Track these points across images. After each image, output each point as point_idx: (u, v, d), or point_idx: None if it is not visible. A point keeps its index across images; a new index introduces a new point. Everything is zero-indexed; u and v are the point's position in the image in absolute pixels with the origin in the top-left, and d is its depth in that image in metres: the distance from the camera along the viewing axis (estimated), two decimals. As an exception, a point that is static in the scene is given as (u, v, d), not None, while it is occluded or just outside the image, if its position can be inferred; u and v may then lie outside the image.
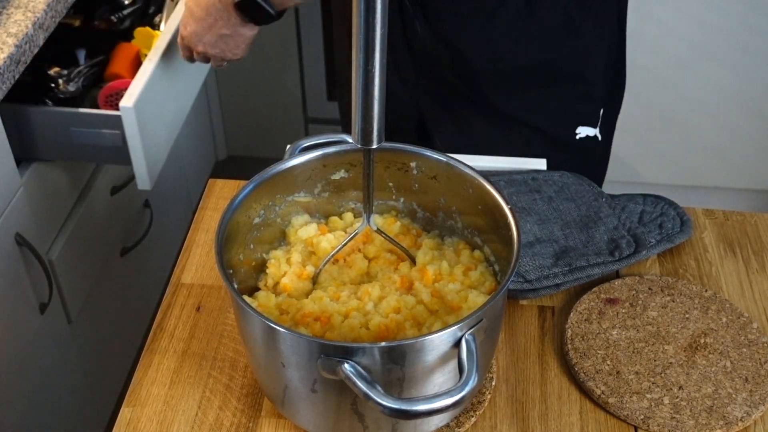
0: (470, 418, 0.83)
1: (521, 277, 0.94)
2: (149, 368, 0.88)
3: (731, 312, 0.92)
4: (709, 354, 0.88)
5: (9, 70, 1.23)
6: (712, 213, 1.07)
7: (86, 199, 1.55)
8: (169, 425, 0.83)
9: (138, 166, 1.32)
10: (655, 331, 0.90)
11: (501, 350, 0.90)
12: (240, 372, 0.87)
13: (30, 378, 1.39)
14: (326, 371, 0.68)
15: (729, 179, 2.30)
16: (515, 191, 1.04)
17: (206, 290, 0.96)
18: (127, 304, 1.82)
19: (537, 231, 0.99)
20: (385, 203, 0.91)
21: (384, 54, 0.68)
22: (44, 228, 1.41)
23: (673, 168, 2.28)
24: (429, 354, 0.69)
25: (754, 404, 0.83)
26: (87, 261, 1.57)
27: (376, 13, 0.66)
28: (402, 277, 0.85)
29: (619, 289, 0.95)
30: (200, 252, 1.01)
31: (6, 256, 1.29)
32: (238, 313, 0.77)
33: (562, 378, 0.87)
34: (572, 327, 0.91)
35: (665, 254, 1.01)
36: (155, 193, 1.91)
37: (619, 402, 0.83)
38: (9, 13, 1.31)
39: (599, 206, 1.03)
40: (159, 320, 0.93)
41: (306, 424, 0.79)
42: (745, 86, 2.10)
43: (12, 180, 1.30)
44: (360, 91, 0.70)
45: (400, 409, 0.64)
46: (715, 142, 2.22)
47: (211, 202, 1.07)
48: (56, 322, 1.46)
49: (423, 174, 0.87)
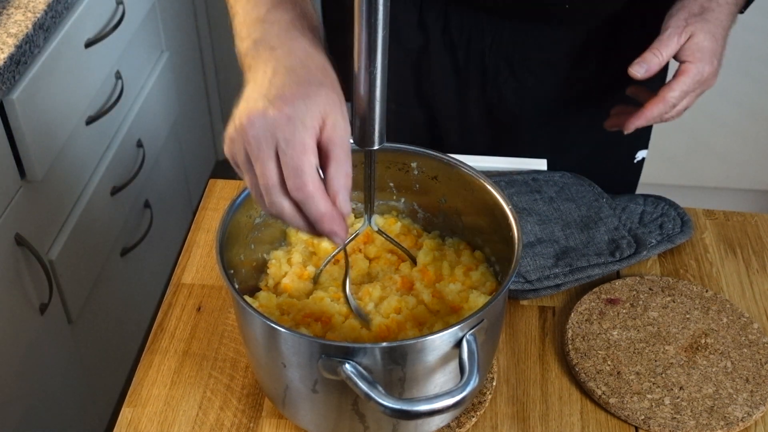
0: (471, 419, 0.83)
1: (522, 277, 0.94)
2: (150, 368, 0.88)
3: (732, 312, 0.92)
4: (710, 354, 0.88)
5: (9, 70, 1.23)
6: (712, 213, 1.07)
7: (86, 199, 1.55)
8: (169, 425, 0.83)
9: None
10: (656, 331, 0.90)
11: (502, 351, 0.90)
12: (241, 372, 0.87)
13: (30, 378, 1.39)
14: (327, 371, 0.68)
15: (729, 180, 2.30)
16: (516, 191, 1.04)
17: (207, 290, 0.96)
18: (128, 304, 1.82)
19: (538, 231, 0.99)
20: (385, 203, 0.91)
21: (386, 55, 0.68)
22: (44, 228, 1.41)
23: (673, 168, 2.28)
24: (430, 354, 0.69)
25: (754, 404, 0.83)
26: (87, 261, 1.57)
27: (378, 14, 0.66)
28: (403, 277, 0.85)
29: (620, 289, 0.95)
30: (201, 252, 1.01)
31: (6, 256, 1.29)
32: (238, 314, 0.77)
33: (563, 378, 0.87)
34: (573, 327, 0.91)
35: (666, 255, 1.01)
36: (155, 193, 1.91)
37: (620, 402, 0.83)
38: (9, 13, 1.31)
39: (600, 207, 1.03)
40: (159, 320, 0.93)
41: (307, 425, 0.79)
42: (745, 86, 2.10)
43: (12, 180, 1.30)
44: (362, 92, 0.70)
45: (401, 409, 0.64)
46: (715, 142, 2.22)
47: (211, 203, 1.07)
48: (56, 322, 1.46)
49: (424, 174, 0.87)
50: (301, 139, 0.63)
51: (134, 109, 1.79)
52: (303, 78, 0.66)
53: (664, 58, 0.96)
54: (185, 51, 2.16)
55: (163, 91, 1.96)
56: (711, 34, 0.96)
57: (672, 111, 0.98)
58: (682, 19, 0.96)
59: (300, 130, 0.64)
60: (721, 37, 0.97)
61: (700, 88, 0.98)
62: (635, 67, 0.95)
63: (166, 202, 2.02)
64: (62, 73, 1.40)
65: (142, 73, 1.85)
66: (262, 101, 0.65)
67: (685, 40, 0.96)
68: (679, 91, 0.96)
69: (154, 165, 1.90)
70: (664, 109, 0.97)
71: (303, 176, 0.63)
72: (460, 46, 1.10)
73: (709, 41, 0.96)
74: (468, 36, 1.09)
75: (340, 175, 0.66)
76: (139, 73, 1.82)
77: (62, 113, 1.43)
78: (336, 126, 0.66)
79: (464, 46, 1.10)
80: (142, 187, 1.83)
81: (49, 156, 1.39)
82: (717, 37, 0.97)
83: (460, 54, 1.11)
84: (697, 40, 0.95)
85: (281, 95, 0.65)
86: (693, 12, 0.97)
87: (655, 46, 0.96)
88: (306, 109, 0.64)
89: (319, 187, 0.64)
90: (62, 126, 1.44)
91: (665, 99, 0.96)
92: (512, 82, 1.12)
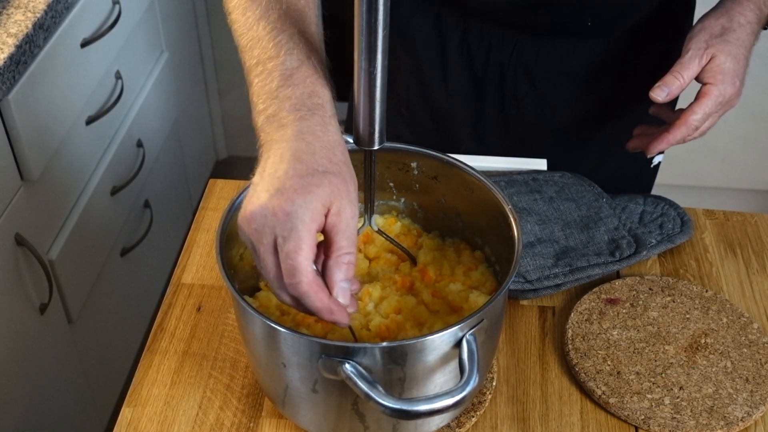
0: (471, 419, 0.83)
1: (522, 277, 0.94)
2: (150, 368, 0.88)
3: (732, 312, 0.92)
4: (710, 354, 0.88)
5: (9, 70, 1.23)
6: (712, 213, 1.07)
7: (86, 199, 1.55)
8: (169, 425, 0.83)
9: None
10: (656, 331, 0.90)
11: (502, 350, 0.90)
12: (241, 372, 0.87)
13: (30, 378, 1.39)
14: (327, 371, 0.68)
15: (729, 180, 2.30)
16: (516, 191, 1.04)
17: (207, 290, 0.96)
18: (127, 304, 1.82)
19: (537, 231, 0.99)
20: (385, 203, 0.91)
21: (386, 56, 0.68)
22: (44, 228, 1.41)
23: (673, 168, 2.28)
24: (430, 354, 0.69)
25: (754, 404, 0.83)
26: (87, 261, 1.57)
27: (378, 14, 0.65)
28: (403, 277, 0.85)
29: (620, 289, 0.95)
30: (201, 252, 1.01)
31: (6, 256, 1.29)
32: (238, 314, 0.77)
33: (563, 378, 0.87)
34: (573, 327, 0.91)
35: (666, 254, 1.01)
36: (155, 193, 1.92)
37: (620, 402, 0.83)
38: (9, 13, 1.31)
39: (600, 206, 1.03)
40: (159, 320, 0.93)
41: (307, 425, 0.79)
42: (746, 86, 2.09)
43: (12, 180, 1.30)
44: (362, 93, 0.70)
45: (401, 409, 0.64)
46: (716, 142, 2.22)
47: (211, 203, 1.07)
48: (56, 322, 1.46)
49: (423, 174, 0.87)
50: (297, 236, 0.64)
51: (134, 109, 1.79)
52: (308, 167, 0.67)
53: (686, 81, 0.95)
54: (185, 51, 2.16)
55: (163, 91, 1.96)
56: (732, 56, 0.95)
57: (695, 133, 0.98)
58: (703, 41, 0.96)
59: (297, 227, 0.64)
60: (743, 57, 0.97)
61: (723, 109, 0.98)
62: (656, 91, 0.95)
63: (166, 202, 2.02)
64: (57, 73, 1.40)
65: (142, 73, 1.85)
66: (265, 195, 0.66)
67: (707, 61, 0.95)
68: (702, 114, 0.95)
69: (154, 165, 1.90)
70: (687, 132, 0.96)
71: (297, 275, 0.65)
72: (478, 56, 1.09)
73: (730, 62, 0.95)
74: (487, 46, 1.08)
75: (339, 265, 0.67)
76: (138, 73, 1.82)
77: (58, 113, 1.43)
78: (341, 213, 0.67)
79: (483, 56, 1.09)
80: (142, 187, 1.83)
81: (45, 156, 1.39)
82: (738, 58, 0.96)
83: (479, 64, 1.10)
84: (718, 61, 0.95)
85: (282, 189, 0.65)
86: (714, 33, 0.96)
87: (676, 68, 0.95)
88: (305, 204, 0.65)
89: (313, 284, 0.66)
90: (58, 126, 1.43)
91: (688, 122, 0.95)
92: (532, 92, 1.11)
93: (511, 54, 1.08)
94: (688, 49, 0.96)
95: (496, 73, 1.10)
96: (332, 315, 0.67)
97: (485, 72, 1.11)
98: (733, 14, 0.98)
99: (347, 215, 0.67)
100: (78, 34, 1.47)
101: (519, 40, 1.07)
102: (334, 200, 0.66)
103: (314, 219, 0.65)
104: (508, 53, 1.08)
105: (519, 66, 1.09)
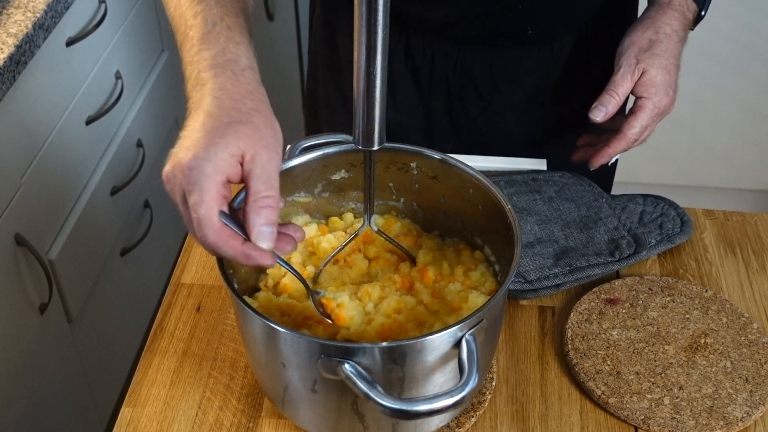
0: (470, 419, 0.83)
1: (521, 277, 0.94)
2: (149, 368, 0.88)
3: (731, 312, 0.92)
4: (710, 354, 0.88)
5: (9, 70, 1.23)
6: (712, 213, 1.07)
7: (86, 199, 1.55)
8: (169, 425, 0.83)
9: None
10: (656, 331, 0.90)
11: (501, 350, 0.90)
12: (240, 372, 0.87)
13: (30, 378, 1.39)
14: (326, 371, 0.68)
15: (729, 180, 2.30)
16: (515, 191, 1.04)
17: (206, 290, 0.96)
18: (127, 304, 1.82)
19: (537, 231, 0.99)
20: (385, 203, 0.91)
21: (386, 56, 0.68)
22: (44, 228, 1.41)
23: (673, 168, 2.28)
24: (429, 354, 0.69)
25: (754, 404, 0.83)
26: (87, 261, 1.57)
27: (378, 14, 0.66)
28: (402, 277, 0.85)
29: (620, 289, 0.95)
30: (200, 252, 1.01)
31: (6, 256, 1.29)
32: (238, 314, 0.77)
33: (563, 378, 0.87)
34: (572, 327, 0.91)
35: (665, 254, 1.01)
36: (155, 193, 1.91)
37: (620, 402, 0.83)
38: (9, 13, 1.31)
39: (599, 206, 1.03)
40: (159, 320, 0.93)
41: (306, 425, 0.79)
42: (745, 86, 2.10)
43: (12, 180, 1.30)
44: (361, 93, 0.70)
45: (400, 409, 0.64)
46: (715, 142, 2.22)
47: (211, 203, 1.07)
48: (56, 322, 1.46)
49: (423, 174, 0.87)
50: (200, 189, 0.66)
51: (134, 109, 1.78)
52: (215, 120, 0.68)
53: (621, 98, 0.99)
54: (185, 51, 2.15)
55: (163, 91, 1.95)
56: (663, 68, 0.98)
57: (634, 144, 1.01)
58: (633, 57, 0.99)
59: (200, 180, 0.66)
60: (673, 66, 1.00)
61: (659, 119, 1.01)
62: (594, 112, 0.99)
63: (166, 202, 2.00)
64: (43, 72, 1.39)
65: (142, 72, 1.85)
66: (176, 154, 0.68)
67: (639, 76, 0.99)
68: (639, 127, 0.99)
69: (154, 165, 1.90)
70: (626, 145, 1.00)
71: (202, 228, 0.66)
72: (423, 67, 1.10)
73: (661, 75, 0.98)
74: (431, 59, 1.09)
75: (257, 210, 0.67)
76: (138, 72, 1.82)
77: (46, 113, 1.42)
78: (255, 159, 0.67)
79: (427, 68, 1.10)
80: (142, 187, 1.83)
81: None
82: (669, 69, 0.99)
83: (423, 77, 1.11)
84: (650, 75, 0.98)
85: (190, 145, 0.67)
86: (642, 47, 0.99)
87: (611, 87, 0.98)
88: (207, 156, 0.66)
89: (220, 233, 0.66)
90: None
91: (627, 136, 0.99)
92: (479, 102, 1.12)
93: (455, 65, 1.09)
94: (620, 66, 0.99)
95: (441, 83, 1.11)
96: (249, 260, 0.68)
97: (431, 83, 1.11)
98: (659, 25, 1.01)
99: (262, 160, 0.67)
100: (64, 32, 1.46)
101: (462, 51, 1.08)
102: (246, 148, 0.67)
103: (218, 170, 0.66)
104: (451, 64, 1.09)
105: (464, 76, 1.10)
